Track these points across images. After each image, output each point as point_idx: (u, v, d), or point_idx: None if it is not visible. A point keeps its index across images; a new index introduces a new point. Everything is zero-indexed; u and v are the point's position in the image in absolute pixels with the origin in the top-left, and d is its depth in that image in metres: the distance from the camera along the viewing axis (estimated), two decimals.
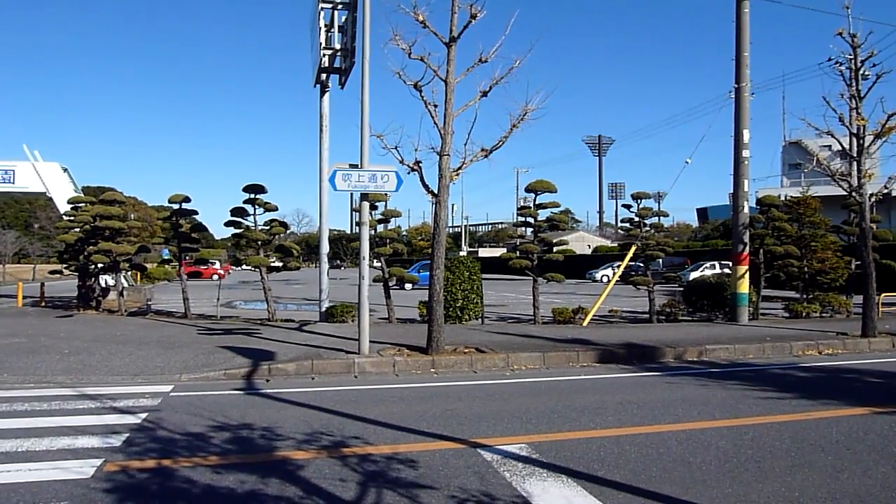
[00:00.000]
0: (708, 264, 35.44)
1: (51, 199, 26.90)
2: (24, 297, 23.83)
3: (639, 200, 16.82)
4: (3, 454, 5.48)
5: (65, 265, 20.62)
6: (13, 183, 25.72)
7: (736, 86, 16.19)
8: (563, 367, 10.41)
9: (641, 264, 17.74)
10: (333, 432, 6.20)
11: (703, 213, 75.45)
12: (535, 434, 6.19)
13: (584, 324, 15.38)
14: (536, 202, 16.47)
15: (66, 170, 26.70)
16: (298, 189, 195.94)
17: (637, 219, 16.87)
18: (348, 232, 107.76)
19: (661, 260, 23.31)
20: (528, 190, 16.57)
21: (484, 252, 78.49)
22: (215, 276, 44.79)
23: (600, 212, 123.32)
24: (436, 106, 10.63)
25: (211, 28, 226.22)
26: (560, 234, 17.85)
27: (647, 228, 17.06)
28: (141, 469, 5.12)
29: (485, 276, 16.85)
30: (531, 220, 16.66)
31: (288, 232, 20.17)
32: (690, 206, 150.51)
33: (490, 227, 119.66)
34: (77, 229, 19.36)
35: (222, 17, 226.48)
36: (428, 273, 11.06)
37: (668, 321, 16.24)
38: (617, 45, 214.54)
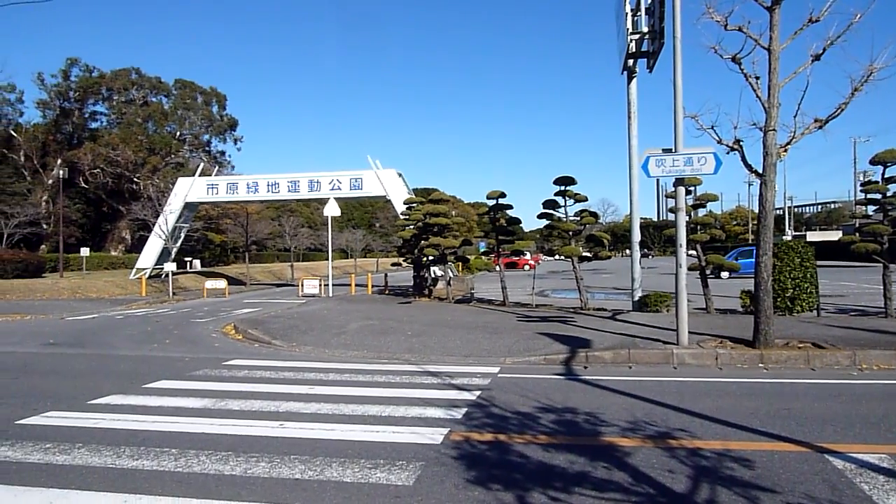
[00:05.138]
0: None
1: (388, 200, 31.22)
2: (373, 286, 28.02)
3: None
4: (373, 417, 6.57)
5: (402, 258, 23.69)
6: (361, 189, 30.69)
7: None
8: None
9: None
10: (657, 423, 6.13)
11: None
12: None
13: None
14: (885, 175, 14.04)
15: (400, 175, 30.74)
16: (603, 178, 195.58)
17: None
18: (655, 220, 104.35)
19: None
20: (873, 162, 14.20)
21: (813, 235, 69.27)
22: (527, 267, 47.25)
23: None
24: (757, 78, 9.74)
25: (515, 26, 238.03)
26: None
27: None
28: (480, 441, 5.67)
29: (816, 262, 14.90)
30: (878, 196, 14.27)
31: (596, 222, 20.14)
32: None
33: (819, 207, 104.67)
34: (411, 226, 22.02)
35: (525, 14, 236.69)
36: (747, 260, 10.25)
37: None
38: None
